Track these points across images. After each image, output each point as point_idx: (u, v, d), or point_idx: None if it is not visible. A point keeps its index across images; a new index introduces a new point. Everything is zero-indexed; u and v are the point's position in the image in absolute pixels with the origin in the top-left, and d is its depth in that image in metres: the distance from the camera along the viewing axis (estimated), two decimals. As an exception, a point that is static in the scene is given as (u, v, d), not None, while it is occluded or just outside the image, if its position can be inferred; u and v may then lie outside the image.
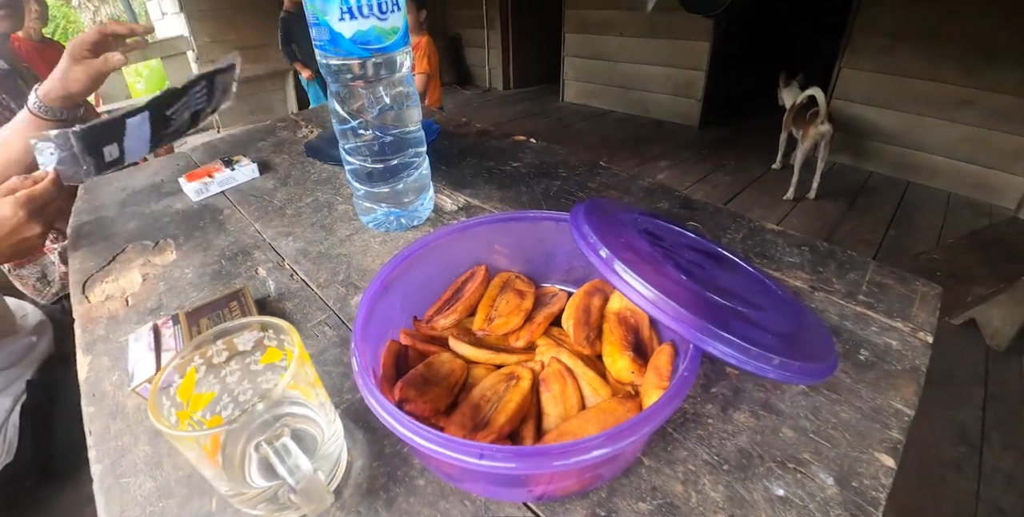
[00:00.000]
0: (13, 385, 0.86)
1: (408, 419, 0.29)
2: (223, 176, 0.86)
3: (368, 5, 0.52)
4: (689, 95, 3.91)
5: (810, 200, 2.77)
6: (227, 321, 0.50)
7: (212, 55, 4.59)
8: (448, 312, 0.46)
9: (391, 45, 0.55)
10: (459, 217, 0.71)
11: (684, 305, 0.35)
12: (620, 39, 4.15)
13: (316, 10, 0.52)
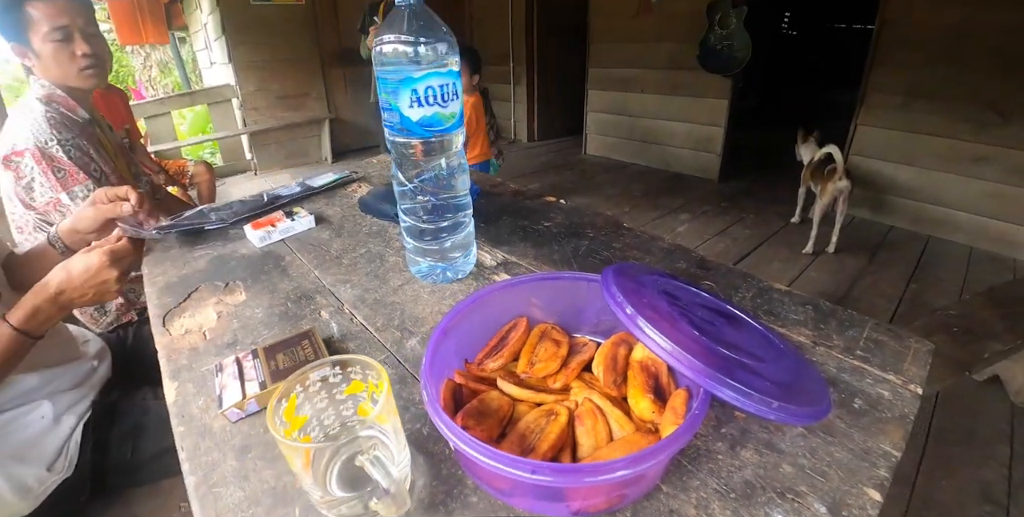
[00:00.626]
0: (77, 405, 0.95)
1: (474, 439, 0.37)
2: (284, 226, 0.96)
3: (433, 96, 0.62)
4: (709, 150, 4.05)
5: (829, 254, 2.82)
6: (301, 357, 0.59)
7: (255, 103, 4.90)
8: (496, 357, 0.54)
9: (449, 127, 0.66)
10: (498, 272, 0.79)
11: (696, 356, 0.43)
12: (642, 96, 4.35)
13: (389, 98, 0.63)
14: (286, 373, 0.57)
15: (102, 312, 1.41)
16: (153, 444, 0.99)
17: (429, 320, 0.68)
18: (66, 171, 1.24)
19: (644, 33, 4.17)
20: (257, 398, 0.55)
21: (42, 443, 0.89)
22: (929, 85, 2.87)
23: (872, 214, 3.29)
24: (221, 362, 0.60)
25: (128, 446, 0.98)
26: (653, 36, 4.12)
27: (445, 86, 0.63)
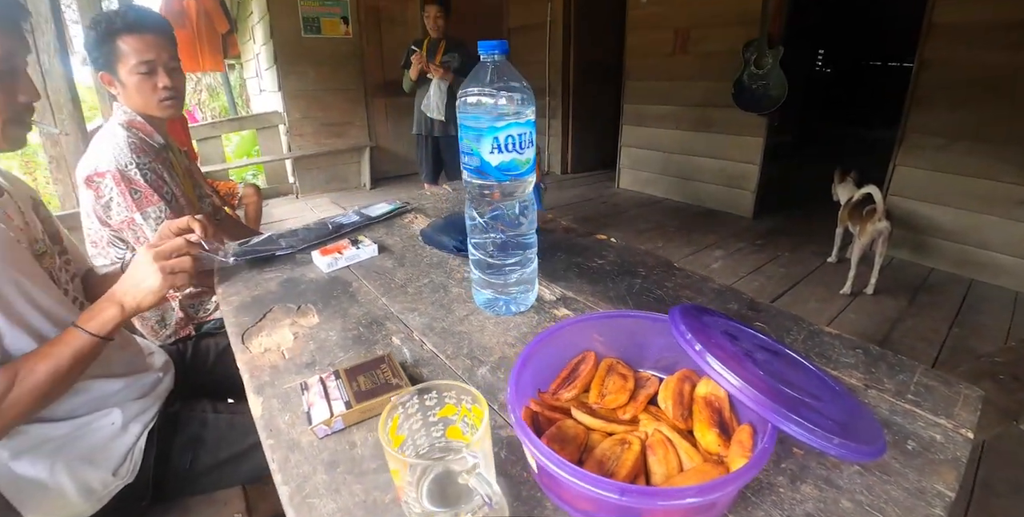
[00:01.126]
0: (144, 414, 1.00)
1: (565, 461, 0.41)
2: (350, 253, 1.03)
3: (512, 144, 0.68)
4: (743, 186, 4.07)
5: (868, 295, 2.79)
6: (381, 380, 0.63)
7: (301, 129, 5.11)
8: (570, 387, 0.58)
9: (524, 172, 0.71)
10: (558, 307, 0.84)
11: (763, 393, 0.46)
12: (676, 132, 4.42)
13: (471, 144, 0.69)
14: (368, 394, 0.61)
15: (162, 325, 1.48)
16: (211, 456, 1.04)
17: (496, 350, 0.72)
18: (142, 193, 1.33)
19: (679, 71, 4.27)
20: (344, 417, 0.59)
21: (110, 448, 0.94)
22: (971, 126, 2.87)
23: (912, 255, 3.25)
24: (306, 381, 0.65)
25: (188, 456, 1.03)
26: (688, 74, 4.22)
27: (523, 135, 0.69)
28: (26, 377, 0.76)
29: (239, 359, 0.77)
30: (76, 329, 0.82)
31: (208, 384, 1.25)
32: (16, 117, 0.83)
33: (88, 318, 0.83)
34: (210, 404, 1.12)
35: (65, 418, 0.91)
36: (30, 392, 0.76)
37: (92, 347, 0.82)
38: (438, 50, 3.53)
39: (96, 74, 1.43)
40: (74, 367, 0.81)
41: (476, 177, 0.71)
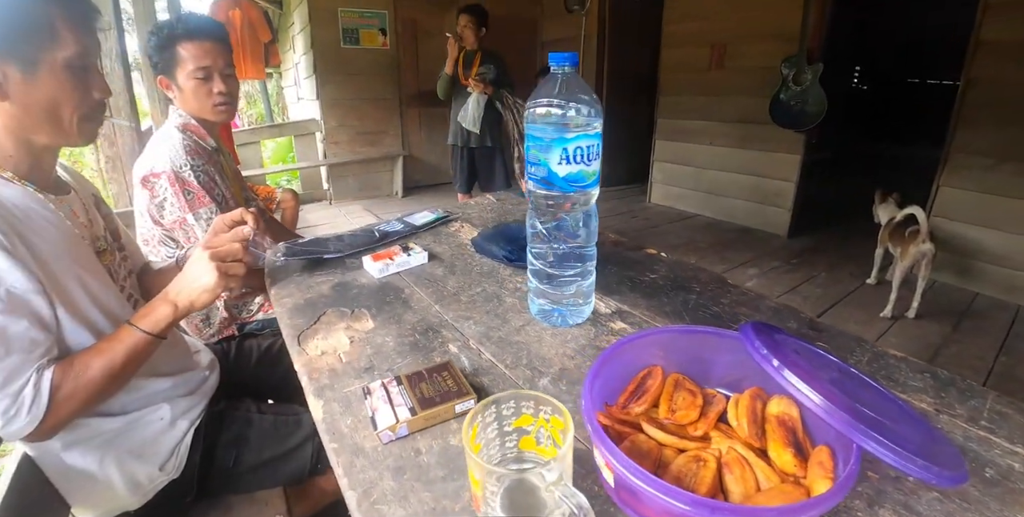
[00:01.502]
0: (191, 411, 1.02)
1: (657, 478, 0.40)
2: (400, 260, 1.04)
3: (581, 155, 0.68)
4: (778, 204, 4.01)
5: (909, 319, 2.71)
6: (443, 388, 0.63)
7: (336, 137, 5.21)
8: (640, 402, 0.57)
9: (590, 184, 0.71)
10: (614, 320, 0.83)
11: (845, 411, 0.45)
12: (710, 148, 4.39)
13: (539, 154, 0.69)
14: (432, 402, 0.61)
15: (207, 324, 1.51)
16: (254, 455, 1.05)
17: (556, 362, 0.72)
18: (195, 194, 1.37)
19: (715, 87, 4.25)
20: (409, 423, 0.59)
21: (158, 443, 0.96)
22: (1021, 146, 2.78)
23: (956, 279, 3.15)
24: (368, 386, 0.65)
25: (232, 454, 1.04)
26: (724, 90, 4.19)
27: (591, 147, 0.69)
28: (82, 373, 0.78)
29: (296, 361, 0.77)
30: (131, 327, 0.83)
31: (251, 384, 1.27)
32: (90, 113, 0.86)
33: (142, 316, 0.85)
34: (254, 404, 1.13)
35: (118, 413, 0.92)
36: (85, 387, 0.78)
37: (146, 345, 0.84)
38: (474, 62, 3.57)
39: (155, 78, 1.48)
40: (128, 364, 0.83)
41: (542, 187, 0.71)
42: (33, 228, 0.79)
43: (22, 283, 0.74)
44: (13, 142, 0.81)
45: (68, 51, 0.79)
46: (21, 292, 0.74)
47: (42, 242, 0.79)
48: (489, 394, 0.66)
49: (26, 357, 0.74)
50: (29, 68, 0.76)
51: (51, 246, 0.81)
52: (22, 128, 0.81)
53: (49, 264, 0.79)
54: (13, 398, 0.72)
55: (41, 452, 0.88)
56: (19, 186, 0.81)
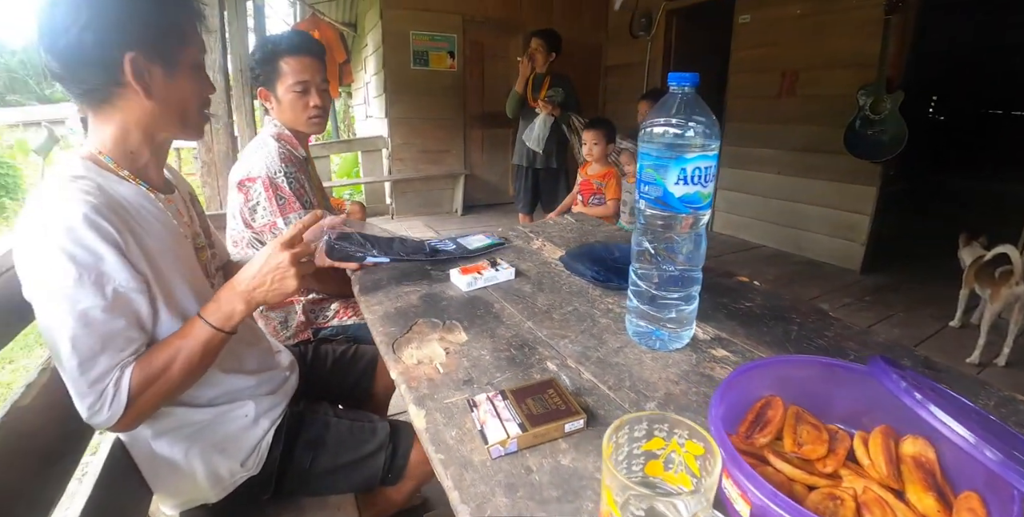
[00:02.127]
0: (272, 410, 1.03)
1: (809, 513, 0.37)
2: (489, 274, 1.04)
3: (698, 176, 0.67)
4: (851, 238, 3.84)
5: (999, 367, 2.51)
6: (551, 405, 0.62)
7: (401, 154, 5.37)
8: (764, 433, 0.54)
9: (705, 205, 0.70)
10: (715, 347, 0.80)
11: (1001, 452, 0.41)
12: (777, 177, 4.27)
13: (655, 174, 0.68)
14: (541, 419, 0.60)
15: (284, 326, 1.56)
16: (330, 459, 1.05)
17: (660, 386, 0.70)
18: (286, 199, 1.42)
19: (784, 114, 4.15)
20: (519, 439, 0.58)
21: (241, 439, 0.98)
22: None
23: (1051, 326, 2.91)
24: (473, 398, 0.65)
25: (309, 456, 1.05)
26: (794, 117, 4.09)
27: (709, 168, 0.68)
28: (160, 370, 0.79)
29: (392, 368, 0.78)
30: (203, 322, 0.83)
31: (325, 388, 1.29)
32: (204, 108, 0.91)
33: (213, 311, 0.84)
34: (331, 408, 1.15)
35: (205, 405, 0.95)
36: (162, 384, 0.79)
37: (219, 341, 0.85)
38: (543, 85, 3.62)
39: (255, 89, 1.57)
40: (203, 359, 0.83)
41: (655, 208, 0.70)
42: (144, 225, 0.83)
43: (128, 282, 0.76)
44: (140, 137, 0.85)
45: (194, 51, 0.85)
46: (125, 291, 0.76)
47: (151, 239, 0.83)
48: (595, 415, 0.64)
49: (116, 355, 0.76)
50: (169, 68, 0.82)
51: (159, 243, 0.84)
52: (154, 124, 0.85)
53: (156, 259, 0.83)
54: (98, 394, 0.74)
55: (132, 438, 0.92)
56: (133, 184, 0.85)
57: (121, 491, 0.93)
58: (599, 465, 0.56)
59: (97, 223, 0.73)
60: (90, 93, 0.80)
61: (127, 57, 0.76)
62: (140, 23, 0.77)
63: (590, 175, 2.93)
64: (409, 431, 1.10)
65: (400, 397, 0.74)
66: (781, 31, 4.09)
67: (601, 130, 2.85)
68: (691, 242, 0.72)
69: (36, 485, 0.83)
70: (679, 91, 0.68)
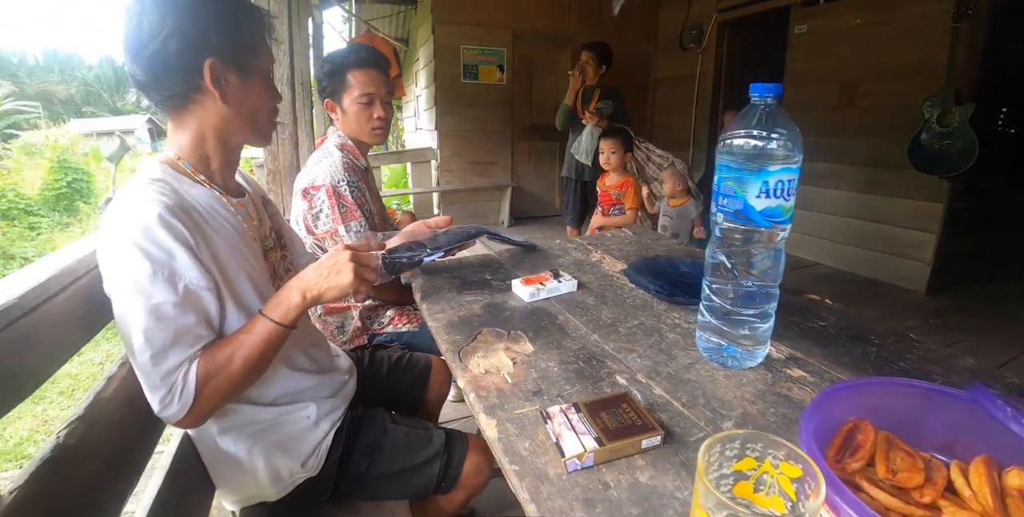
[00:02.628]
0: (333, 413, 1.05)
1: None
2: (551, 285, 1.04)
3: (781, 189, 0.66)
4: (915, 257, 3.66)
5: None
6: (627, 420, 0.61)
7: (450, 166, 5.45)
8: (856, 458, 0.52)
9: (786, 219, 0.68)
10: (790, 367, 0.77)
11: None
12: (835, 192, 4.12)
13: (735, 186, 0.67)
14: (617, 434, 0.59)
15: (341, 331, 1.59)
16: (386, 465, 1.06)
17: (736, 405, 0.68)
18: (348, 208, 1.47)
19: (843, 127, 4.01)
20: (595, 453, 0.58)
21: (302, 440, 1.00)
22: None
23: None
24: (547, 410, 0.65)
25: (366, 461, 1.06)
26: (854, 130, 3.95)
27: (792, 181, 0.66)
28: (224, 365, 0.81)
29: (460, 376, 0.79)
30: (263, 317, 0.85)
31: (381, 394, 1.31)
32: (274, 116, 0.96)
33: (273, 307, 0.86)
34: (387, 414, 1.16)
35: (269, 404, 0.97)
36: (227, 378, 0.81)
37: (278, 335, 0.86)
38: (592, 97, 3.63)
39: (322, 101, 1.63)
40: (265, 353, 0.85)
41: (734, 221, 0.69)
42: (215, 227, 0.87)
43: (198, 280, 0.79)
44: (214, 142, 0.90)
45: (265, 59, 0.90)
46: (196, 289, 0.79)
47: (221, 240, 0.86)
48: (671, 432, 0.63)
49: (186, 350, 0.78)
50: (244, 75, 0.86)
51: (228, 244, 0.88)
52: (228, 129, 0.89)
53: (224, 260, 0.86)
54: (169, 387, 0.77)
55: (199, 434, 0.95)
56: (207, 188, 0.90)
57: (187, 484, 0.96)
58: (679, 483, 0.55)
59: (170, 223, 0.77)
60: (171, 99, 0.85)
61: (206, 63, 0.81)
62: (219, 32, 0.81)
63: (608, 186, 2.91)
64: (463, 441, 1.11)
65: (449, 405, 0.74)
66: (839, 41, 3.98)
67: (618, 139, 2.84)
68: (770, 257, 0.71)
69: (113, 474, 0.87)
70: (761, 102, 0.67)
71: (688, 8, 5.38)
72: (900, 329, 0.91)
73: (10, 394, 0.73)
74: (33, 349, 0.77)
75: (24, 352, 0.75)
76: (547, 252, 1.34)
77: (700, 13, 5.27)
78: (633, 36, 5.69)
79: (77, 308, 0.89)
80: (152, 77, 0.82)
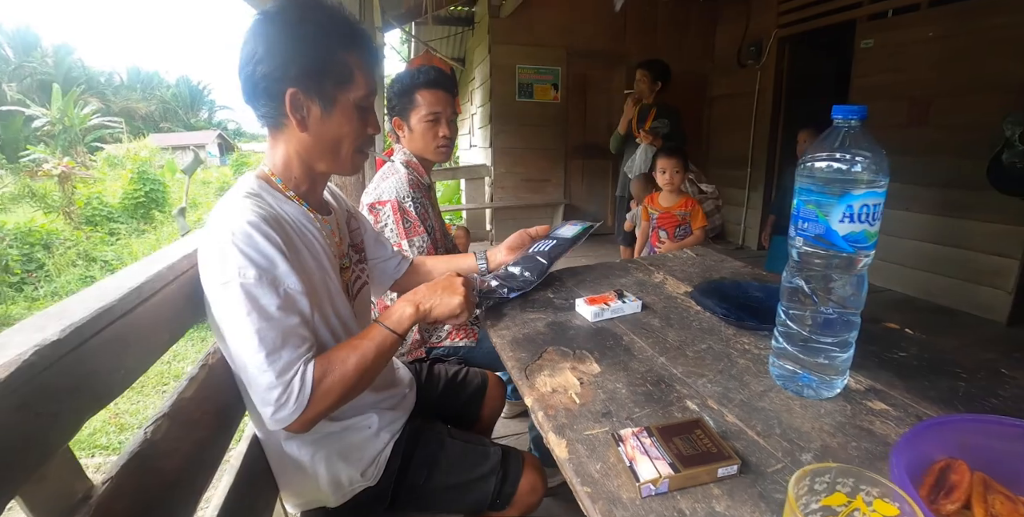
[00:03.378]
0: (393, 424, 1.07)
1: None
2: (615, 306, 1.03)
3: (866, 213, 0.64)
4: (995, 285, 3.42)
5: None
6: (701, 447, 0.60)
7: (503, 183, 5.52)
8: (952, 499, 0.49)
9: (871, 245, 0.66)
10: (871, 399, 0.74)
11: None
12: (906, 214, 3.92)
13: (817, 210, 0.66)
14: (692, 461, 0.58)
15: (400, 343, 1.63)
16: (444, 478, 1.07)
17: (815, 437, 0.65)
18: (412, 223, 1.51)
19: (914, 145, 3.82)
20: (670, 480, 0.57)
21: (363, 449, 1.02)
22: None
23: None
24: (619, 432, 0.64)
25: (423, 473, 1.07)
26: (926, 148, 3.75)
27: (877, 205, 0.65)
28: (338, 367, 0.84)
29: (526, 394, 0.79)
30: (379, 324, 0.90)
31: (438, 407, 1.33)
32: (362, 147, 0.97)
33: (387, 316, 0.92)
34: (444, 427, 1.17)
35: (335, 419, 1.00)
36: (341, 381, 0.83)
37: (391, 343, 0.90)
38: (648, 116, 3.60)
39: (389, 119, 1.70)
40: (377, 359, 0.88)
41: (815, 245, 0.67)
42: (304, 241, 0.91)
43: (296, 285, 0.83)
44: (299, 166, 0.94)
45: (359, 92, 0.91)
46: (295, 293, 0.83)
47: (308, 254, 0.91)
48: (747, 462, 0.61)
49: (296, 350, 0.81)
50: (328, 106, 0.89)
51: (313, 258, 0.92)
52: (310, 157, 0.93)
53: (309, 273, 0.90)
54: (284, 387, 0.79)
55: (267, 437, 0.99)
56: (297, 204, 0.94)
57: (253, 485, 1.00)
58: (757, 516, 0.54)
59: (268, 233, 0.81)
60: (263, 118, 0.90)
61: (288, 92, 0.85)
62: (302, 63, 0.84)
63: (668, 207, 2.76)
64: (519, 459, 1.11)
65: (501, 422, 0.73)
66: (910, 55, 3.82)
67: (681, 158, 2.70)
68: (852, 284, 0.68)
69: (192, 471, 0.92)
70: (844, 124, 0.66)
71: (747, 24, 5.31)
72: (988, 362, 0.86)
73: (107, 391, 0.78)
74: (127, 349, 0.82)
75: (120, 351, 0.81)
76: (608, 271, 1.34)
77: (759, 29, 5.18)
78: (689, 53, 5.66)
79: (165, 312, 0.95)
80: (247, 96, 0.88)
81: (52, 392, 0.65)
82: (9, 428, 0.58)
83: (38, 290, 6.20)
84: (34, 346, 0.62)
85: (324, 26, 0.85)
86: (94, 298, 0.79)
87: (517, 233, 1.32)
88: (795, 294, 0.72)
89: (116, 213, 9.25)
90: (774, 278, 1.22)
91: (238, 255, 0.79)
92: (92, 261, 7.08)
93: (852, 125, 0.66)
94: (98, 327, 0.74)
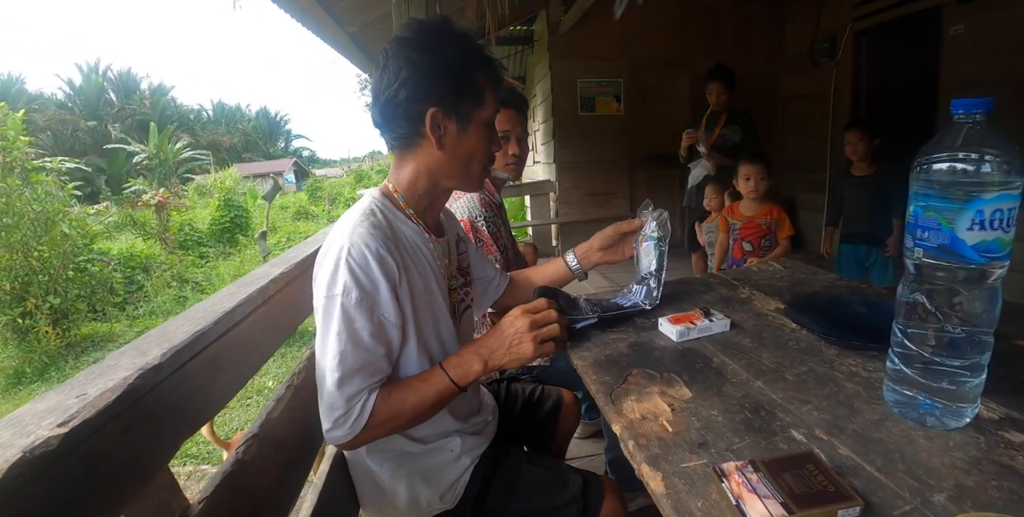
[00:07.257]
0: (474, 450, 1.05)
1: None
2: (702, 325, 0.97)
3: (1000, 220, 0.56)
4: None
5: None
6: (815, 485, 0.54)
7: (568, 197, 5.48)
8: None
9: (1005, 255, 0.58)
10: (1007, 429, 0.65)
11: None
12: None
13: (940, 218, 0.59)
14: (807, 500, 0.52)
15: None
16: (522, 505, 1.04)
17: (947, 475, 0.58)
18: (484, 242, 1.50)
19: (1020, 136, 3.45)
20: (783, 522, 0.51)
21: (443, 473, 1.01)
22: None
23: None
24: (720, 467, 0.59)
25: (501, 500, 1.05)
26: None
27: (1012, 210, 0.57)
28: (397, 405, 0.85)
29: (613, 420, 0.75)
30: (442, 373, 0.89)
31: (517, 429, 1.30)
32: (487, 164, 1.00)
33: (455, 365, 0.90)
34: (523, 453, 1.14)
35: (419, 441, 1.00)
36: (394, 418, 0.86)
37: (451, 394, 0.89)
38: (718, 123, 3.48)
39: None
40: (434, 406, 0.89)
41: (938, 257, 0.60)
42: (416, 262, 0.93)
43: (391, 315, 0.86)
44: (426, 181, 0.96)
45: (489, 111, 0.93)
46: (387, 323, 0.86)
47: (419, 276, 0.92)
48: (869, 503, 0.55)
49: (369, 378, 0.84)
50: (463, 124, 0.91)
51: (424, 280, 0.93)
52: (441, 173, 0.95)
53: (418, 296, 0.91)
54: (346, 410, 0.82)
55: (353, 454, 1.01)
56: (415, 225, 0.96)
57: (335, 504, 1.01)
58: (891, 568, 0.47)
59: (383, 258, 0.84)
60: (399, 139, 0.93)
61: (429, 112, 0.87)
62: (445, 84, 0.87)
63: (751, 216, 2.57)
64: (599, 486, 1.06)
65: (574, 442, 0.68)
66: (1007, 39, 3.49)
67: (765, 164, 2.51)
68: (984, 299, 0.60)
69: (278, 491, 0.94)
70: (967, 120, 0.59)
71: (818, 20, 5.05)
72: None
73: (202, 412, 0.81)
74: (221, 371, 0.85)
75: (215, 373, 0.84)
76: (688, 287, 1.27)
77: (832, 24, 4.91)
78: (757, 55, 5.45)
79: (255, 334, 0.99)
80: (384, 119, 0.91)
81: (153, 414, 0.67)
82: (116, 450, 0.61)
83: (138, 309, 6.73)
84: (138, 370, 0.65)
85: (464, 50, 0.89)
86: (191, 322, 0.83)
87: (612, 227, 1.23)
88: (914, 310, 0.64)
89: (205, 238, 9.97)
90: (877, 291, 1.12)
91: (347, 274, 0.82)
92: (185, 282, 7.64)
93: (976, 120, 0.58)
94: (196, 350, 0.77)
